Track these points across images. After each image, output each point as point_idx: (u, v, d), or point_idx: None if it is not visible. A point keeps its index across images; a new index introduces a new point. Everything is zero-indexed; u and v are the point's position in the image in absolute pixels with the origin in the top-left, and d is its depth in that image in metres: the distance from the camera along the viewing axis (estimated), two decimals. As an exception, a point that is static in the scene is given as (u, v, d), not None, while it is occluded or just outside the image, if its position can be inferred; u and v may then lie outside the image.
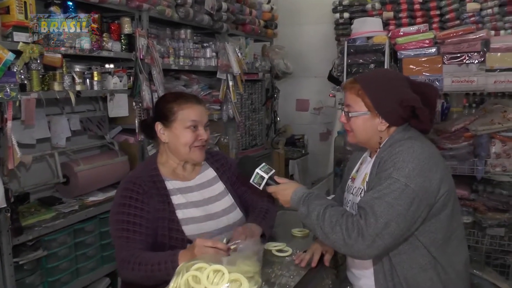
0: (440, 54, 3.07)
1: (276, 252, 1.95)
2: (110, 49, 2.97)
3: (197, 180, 2.08)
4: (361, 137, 1.78)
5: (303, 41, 5.68)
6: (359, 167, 1.92)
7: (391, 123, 1.72)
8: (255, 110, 5.14)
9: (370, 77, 1.79)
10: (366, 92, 1.71)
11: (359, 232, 1.51)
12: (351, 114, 1.75)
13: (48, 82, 2.61)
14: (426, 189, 1.56)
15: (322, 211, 1.61)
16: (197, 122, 1.96)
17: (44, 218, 2.69)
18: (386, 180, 1.57)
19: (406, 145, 1.62)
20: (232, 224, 2.04)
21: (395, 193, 1.53)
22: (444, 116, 3.53)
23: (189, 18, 3.64)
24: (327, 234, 1.58)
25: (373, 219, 1.51)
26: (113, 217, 1.88)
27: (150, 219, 1.86)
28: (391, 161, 1.60)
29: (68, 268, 2.81)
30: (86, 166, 2.95)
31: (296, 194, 1.72)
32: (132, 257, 1.73)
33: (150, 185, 1.93)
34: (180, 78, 3.89)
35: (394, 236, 1.52)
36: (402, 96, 1.67)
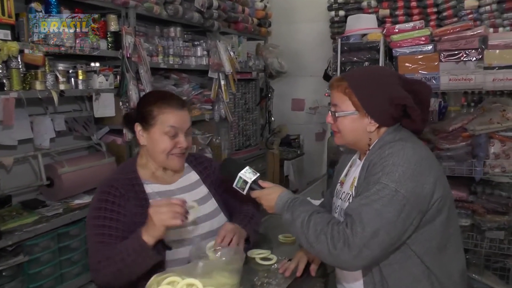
0: (436, 51, 2.96)
1: (260, 260, 1.86)
2: (95, 47, 2.86)
3: (179, 184, 1.97)
4: (349, 138, 1.66)
5: (298, 39, 5.58)
6: (348, 170, 1.81)
7: (381, 123, 1.61)
8: (249, 110, 5.05)
9: (358, 74, 1.68)
10: (353, 91, 1.59)
11: (345, 242, 1.40)
12: (337, 114, 1.63)
13: (29, 81, 2.52)
14: (418, 195, 1.45)
15: (307, 218, 1.50)
16: (176, 128, 1.82)
17: (25, 222, 2.59)
18: (374, 185, 1.46)
19: (396, 147, 1.51)
20: (215, 229, 1.93)
21: (384, 199, 1.42)
22: (442, 115, 3.43)
23: (178, 16, 3.54)
24: (312, 244, 1.48)
25: (360, 227, 1.40)
26: (89, 222, 1.79)
27: (127, 223, 1.75)
28: (380, 164, 1.49)
29: (52, 274, 2.71)
30: (71, 168, 2.85)
31: (281, 200, 1.61)
32: (103, 256, 1.65)
33: (127, 188, 1.82)
34: (170, 77, 3.80)
35: (383, 246, 1.42)
36: (392, 94, 1.56)
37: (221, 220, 1.98)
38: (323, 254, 1.46)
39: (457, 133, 3.02)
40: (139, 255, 1.58)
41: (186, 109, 1.89)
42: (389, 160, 1.48)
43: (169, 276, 1.45)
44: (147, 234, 1.59)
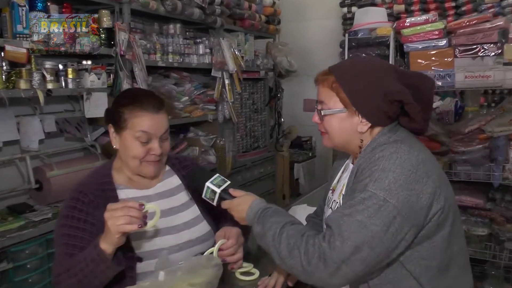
0: (451, 46, 2.75)
1: (240, 276, 1.67)
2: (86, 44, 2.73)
3: (158, 189, 1.80)
4: (337, 140, 1.46)
5: (309, 37, 5.39)
6: (340, 176, 1.61)
7: (374, 122, 1.41)
8: (257, 110, 4.88)
9: (346, 66, 1.47)
10: (341, 85, 1.39)
11: (320, 257, 1.22)
12: (323, 112, 1.44)
13: (13, 79, 2.40)
14: (411, 206, 1.24)
15: (279, 230, 1.32)
16: (150, 134, 1.65)
17: (10, 227, 2.46)
18: (360, 193, 1.27)
19: (389, 150, 1.31)
20: (195, 239, 1.76)
21: (369, 210, 1.23)
22: (458, 116, 3.22)
23: (177, 12, 3.39)
24: (284, 259, 1.29)
25: (339, 241, 1.21)
26: (56, 231, 1.64)
27: (94, 232, 1.58)
28: (369, 169, 1.30)
29: (40, 281, 2.58)
30: (60, 170, 2.72)
31: (251, 210, 1.44)
32: (64, 267, 1.50)
33: (97, 193, 1.66)
34: (170, 76, 3.65)
35: (366, 263, 1.22)
36: (386, 89, 1.35)
37: (202, 229, 1.81)
38: (296, 270, 1.28)
39: (473, 135, 2.84)
40: (97, 265, 1.43)
41: (163, 111, 1.71)
42: (378, 165, 1.28)
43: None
44: (104, 242, 1.44)
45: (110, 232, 1.41)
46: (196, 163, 2.04)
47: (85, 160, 2.97)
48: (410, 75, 1.44)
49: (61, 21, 2.49)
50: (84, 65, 2.78)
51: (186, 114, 3.68)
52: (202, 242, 1.78)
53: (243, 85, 4.44)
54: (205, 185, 1.53)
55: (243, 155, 4.61)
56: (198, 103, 3.85)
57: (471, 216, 2.93)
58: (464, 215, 2.92)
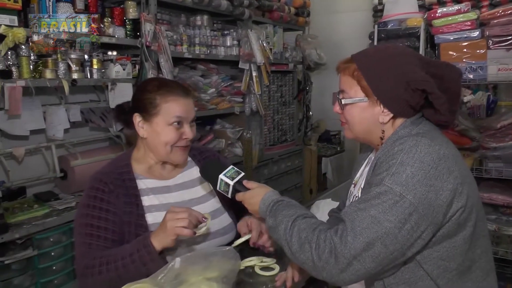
0: (484, 37, 2.65)
1: (260, 271, 1.63)
2: (111, 35, 2.75)
3: (178, 179, 1.80)
4: (358, 130, 1.40)
5: (339, 30, 5.31)
6: (363, 170, 1.55)
7: (396, 112, 1.34)
8: (285, 103, 4.84)
9: (369, 54, 1.40)
10: (363, 73, 1.33)
11: (331, 252, 1.18)
12: (344, 101, 1.38)
13: (40, 69, 2.44)
14: (429, 203, 1.18)
15: (290, 224, 1.27)
16: (182, 118, 1.67)
17: (35, 215, 2.51)
18: (376, 187, 1.21)
19: (408, 143, 1.24)
20: (215, 231, 1.74)
21: (384, 205, 1.17)
22: (490, 111, 3.10)
23: (204, 3, 3.37)
24: (295, 253, 1.25)
25: (351, 236, 1.16)
26: (76, 220, 1.65)
27: (117, 222, 1.60)
28: (386, 163, 1.24)
29: (63, 269, 2.62)
30: (84, 160, 2.76)
31: (264, 203, 1.40)
32: (95, 260, 1.50)
33: (117, 183, 1.66)
34: (197, 68, 3.65)
35: (378, 261, 1.17)
36: (408, 77, 1.28)
37: (222, 222, 1.80)
38: (307, 265, 1.24)
39: (506, 131, 2.75)
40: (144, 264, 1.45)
41: (190, 97, 1.73)
42: (396, 158, 1.22)
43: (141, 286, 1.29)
44: (157, 241, 1.46)
45: (166, 232, 1.44)
46: (217, 154, 2.02)
47: (109, 150, 3.00)
48: (435, 64, 1.36)
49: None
50: (109, 55, 2.80)
51: (212, 106, 3.68)
52: (221, 235, 1.77)
53: (271, 78, 4.41)
54: (218, 177, 1.51)
55: (270, 148, 4.58)
56: (225, 95, 3.84)
57: (503, 215, 2.83)
58: (495, 213, 2.81)
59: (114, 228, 1.59)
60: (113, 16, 2.84)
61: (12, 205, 2.56)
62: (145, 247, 1.45)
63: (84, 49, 2.53)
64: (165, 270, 1.30)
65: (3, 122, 2.40)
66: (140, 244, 1.47)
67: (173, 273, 1.30)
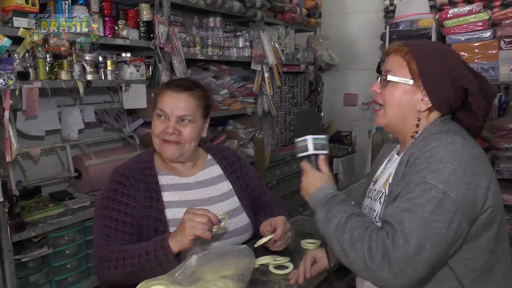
0: (496, 38, 2.65)
1: (274, 269, 1.64)
2: (125, 37, 2.79)
3: (199, 177, 1.83)
4: (393, 113, 1.39)
5: (350, 31, 5.31)
6: (385, 167, 1.55)
7: (435, 103, 1.34)
8: (297, 104, 4.85)
9: (422, 43, 1.44)
10: (414, 56, 1.35)
11: (384, 255, 1.14)
12: (390, 78, 1.37)
13: (56, 71, 2.48)
14: (469, 201, 1.18)
15: (344, 220, 1.25)
16: (166, 112, 1.70)
17: (50, 214, 2.57)
18: (418, 185, 1.19)
19: (444, 140, 1.24)
20: (232, 230, 1.77)
21: (430, 204, 1.15)
22: (502, 111, 3.09)
23: (217, 5, 3.40)
24: (346, 251, 1.22)
25: (402, 239, 1.13)
26: (96, 212, 1.69)
27: (136, 216, 1.64)
28: (425, 160, 1.22)
29: (78, 267, 2.67)
30: (98, 160, 2.80)
31: (320, 192, 1.37)
32: (113, 254, 1.53)
33: (139, 177, 1.70)
34: (210, 69, 3.68)
35: (429, 263, 1.15)
36: (456, 73, 1.31)
37: (240, 221, 1.83)
38: (357, 266, 1.21)
39: (518, 131, 2.70)
40: (160, 264, 1.47)
41: (187, 93, 1.74)
42: (435, 155, 1.21)
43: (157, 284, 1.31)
44: (174, 241, 1.47)
45: (184, 233, 1.45)
46: (238, 155, 2.04)
47: (123, 150, 3.03)
48: (476, 71, 1.39)
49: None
50: (123, 57, 2.84)
51: (225, 107, 3.70)
52: (239, 234, 1.79)
53: (283, 79, 4.43)
54: (306, 137, 1.43)
55: (282, 149, 4.58)
56: (237, 96, 3.86)
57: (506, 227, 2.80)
58: (507, 215, 2.79)
59: (132, 222, 1.62)
60: (127, 19, 2.89)
61: (29, 204, 2.61)
62: (163, 248, 1.47)
63: (84, 49, 2.55)
64: (181, 267, 1.32)
65: (20, 122, 2.45)
66: (158, 245, 1.48)
67: (190, 270, 1.32)
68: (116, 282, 1.56)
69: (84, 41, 2.51)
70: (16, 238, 2.30)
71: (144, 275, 1.44)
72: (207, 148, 1.96)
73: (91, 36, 2.51)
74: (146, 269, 1.47)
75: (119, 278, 1.53)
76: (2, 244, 2.25)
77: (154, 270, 1.46)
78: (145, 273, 1.46)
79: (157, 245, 1.48)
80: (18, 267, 2.35)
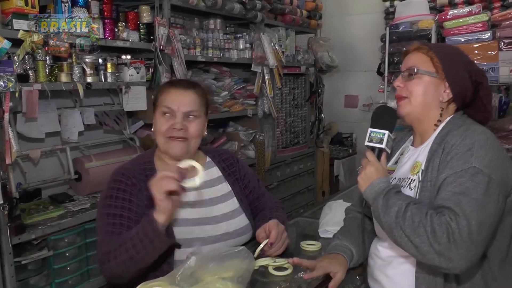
0: (495, 39, 2.65)
1: (273, 271, 1.64)
2: (125, 39, 2.79)
3: None
4: (418, 102, 1.50)
5: (351, 32, 5.33)
6: (399, 158, 1.64)
7: (455, 94, 1.47)
8: (298, 106, 4.85)
9: (438, 44, 1.64)
10: (435, 52, 1.49)
11: (449, 237, 1.22)
12: (417, 70, 1.49)
13: (55, 73, 2.48)
14: (505, 183, 1.30)
15: (404, 208, 1.32)
16: (172, 109, 1.71)
17: (50, 216, 2.56)
18: (466, 170, 1.29)
19: (477, 130, 1.37)
20: (232, 231, 1.77)
21: (481, 187, 1.26)
22: (502, 112, 3.08)
23: (217, 7, 3.40)
24: (409, 237, 1.29)
25: (465, 221, 1.22)
26: (98, 211, 1.69)
27: (139, 212, 1.64)
28: (465, 146, 1.33)
29: (78, 270, 2.67)
30: (98, 162, 2.80)
31: (379, 182, 1.42)
32: (111, 246, 1.53)
33: (140, 178, 1.70)
34: (210, 71, 3.68)
35: (485, 242, 1.26)
36: (472, 67, 1.49)
37: (239, 222, 1.83)
38: (422, 250, 1.27)
39: (518, 132, 2.69)
40: (151, 241, 1.46)
41: (192, 91, 1.77)
42: (475, 143, 1.33)
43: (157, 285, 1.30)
44: (156, 212, 1.46)
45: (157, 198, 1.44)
46: (236, 156, 2.05)
47: (123, 152, 3.03)
48: None
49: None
50: (123, 59, 2.84)
51: (225, 108, 3.71)
52: (238, 235, 1.80)
53: (283, 80, 4.43)
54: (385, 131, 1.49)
55: (282, 150, 4.58)
56: (238, 98, 3.86)
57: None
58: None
59: (137, 218, 1.62)
60: (127, 21, 2.89)
61: (29, 206, 2.61)
62: (150, 223, 1.46)
63: (84, 49, 2.55)
64: (181, 269, 1.32)
65: (20, 125, 2.45)
66: (145, 221, 1.48)
67: (189, 272, 1.32)
68: (117, 275, 1.55)
69: (84, 42, 2.51)
70: (16, 241, 2.30)
71: (139, 259, 1.47)
72: (205, 151, 1.97)
73: (91, 36, 2.51)
74: (140, 251, 1.47)
75: (119, 269, 1.52)
76: (2, 246, 2.25)
77: (147, 251, 1.46)
78: (140, 256, 1.47)
79: (144, 222, 1.48)
80: (18, 270, 2.34)
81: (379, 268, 1.57)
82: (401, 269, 1.48)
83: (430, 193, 1.38)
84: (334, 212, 2.13)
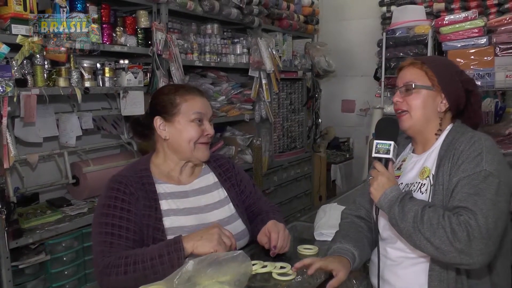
0: (491, 44, 2.67)
1: (277, 276, 1.63)
2: (123, 43, 2.80)
3: (195, 185, 1.84)
4: (419, 115, 1.58)
5: (348, 37, 5.36)
6: (401, 164, 1.71)
7: (451, 104, 1.57)
8: (295, 110, 4.86)
9: (429, 57, 1.73)
10: (429, 66, 1.58)
11: (469, 235, 1.31)
12: (415, 85, 1.58)
13: (54, 78, 2.49)
14: (510, 183, 1.41)
15: (420, 212, 1.40)
16: (202, 115, 1.74)
17: (48, 220, 2.56)
18: (478, 173, 1.39)
19: (481, 136, 1.48)
20: None
21: (492, 188, 1.37)
22: (498, 117, 3.10)
23: (214, 12, 3.42)
24: (429, 239, 1.36)
25: (483, 218, 1.32)
26: (95, 220, 1.67)
27: (138, 223, 1.64)
28: (474, 151, 1.43)
29: (75, 274, 2.67)
30: (96, 166, 2.80)
31: (392, 191, 1.49)
32: (120, 260, 1.52)
33: (137, 186, 1.70)
34: (207, 76, 3.69)
35: (499, 238, 1.37)
36: (463, 77, 1.59)
37: (236, 228, 1.83)
38: (442, 250, 1.35)
39: (514, 137, 2.71)
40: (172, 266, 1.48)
41: (206, 96, 1.83)
42: (483, 148, 1.43)
43: (156, 287, 1.32)
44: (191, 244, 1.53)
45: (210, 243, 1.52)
46: (232, 162, 2.05)
47: (121, 157, 3.04)
48: None
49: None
50: (121, 64, 2.85)
51: (222, 113, 3.72)
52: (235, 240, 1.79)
53: (280, 85, 4.44)
54: (391, 142, 1.56)
55: (279, 155, 4.59)
56: (235, 103, 3.88)
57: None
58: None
59: (135, 228, 1.63)
60: (125, 25, 2.90)
61: (26, 211, 2.61)
62: (177, 251, 1.49)
63: (84, 49, 2.55)
64: (179, 273, 1.33)
65: (18, 129, 2.45)
66: (171, 248, 1.50)
67: (187, 276, 1.33)
68: None
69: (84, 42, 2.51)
70: (13, 245, 2.30)
71: (155, 278, 1.46)
72: None
73: (91, 36, 2.51)
74: (159, 272, 1.48)
75: (127, 283, 1.52)
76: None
77: (165, 272, 1.46)
78: (157, 276, 1.47)
79: (171, 248, 1.51)
80: (15, 274, 2.34)
81: (389, 268, 1.61)
82: (413, 269, 1.54)
83: (442, 196, 1.46)
84: (328, 215, 2.14)
